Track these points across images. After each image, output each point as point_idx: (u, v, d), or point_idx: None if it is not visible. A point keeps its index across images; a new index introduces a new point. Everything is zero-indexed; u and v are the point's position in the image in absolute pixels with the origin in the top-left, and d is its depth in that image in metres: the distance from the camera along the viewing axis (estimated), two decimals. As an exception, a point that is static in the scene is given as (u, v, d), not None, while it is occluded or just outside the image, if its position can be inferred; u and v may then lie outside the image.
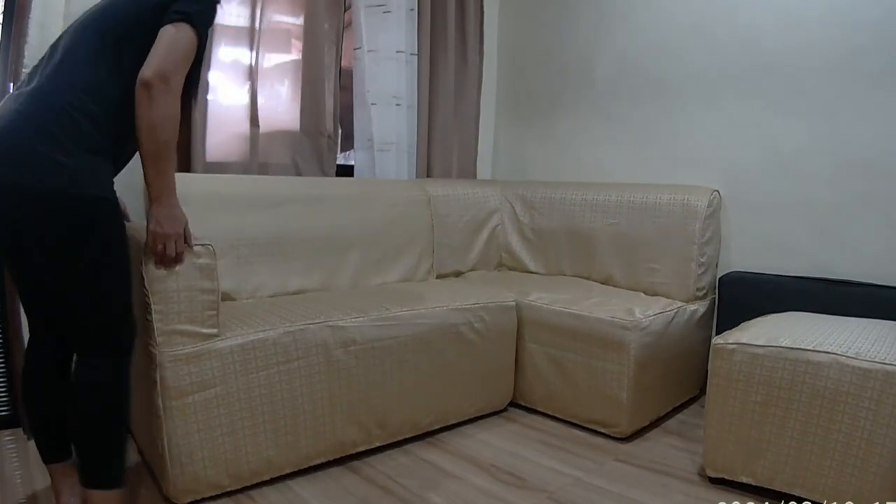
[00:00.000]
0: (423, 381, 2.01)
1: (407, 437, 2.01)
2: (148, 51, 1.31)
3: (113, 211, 1.35)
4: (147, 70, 1.29)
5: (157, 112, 1.30)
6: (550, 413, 2.24)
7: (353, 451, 1.88)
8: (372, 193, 2.51)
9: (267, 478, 1.72)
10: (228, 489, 1.66)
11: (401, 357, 1.94)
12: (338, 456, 1.84)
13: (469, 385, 2.14)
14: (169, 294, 1.51)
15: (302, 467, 1.78)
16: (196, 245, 1.54)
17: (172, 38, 1.33)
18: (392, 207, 2.51)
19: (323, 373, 1.78)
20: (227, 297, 2.04)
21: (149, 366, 1.55)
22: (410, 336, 1.95)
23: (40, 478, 1.71)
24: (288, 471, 1.75)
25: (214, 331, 1.60)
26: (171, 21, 1.33)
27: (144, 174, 1.36)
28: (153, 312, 1.51)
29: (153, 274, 1.49)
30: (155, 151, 1.34)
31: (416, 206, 2.64)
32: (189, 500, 1.60)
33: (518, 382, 2.31)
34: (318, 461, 1.81)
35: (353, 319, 1.84)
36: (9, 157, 1.23)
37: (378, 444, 1.93)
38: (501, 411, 2.30)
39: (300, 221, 2.26)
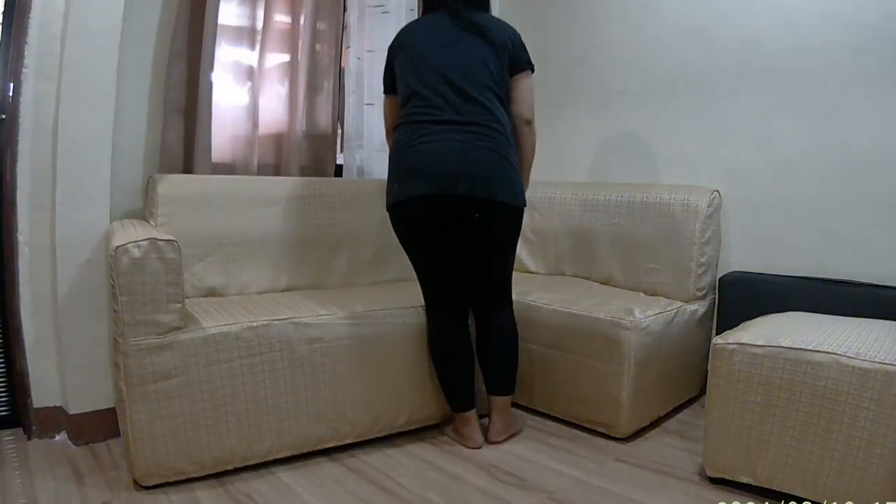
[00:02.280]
0: (392, 381, 2.00)
1: (379, 435, 2.01)
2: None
3: None
4: (527, 113, 1.94)
5: (534, 140, 2.00)
6: (550, 413, 2.24)
7: (322, 448, 1.90)
8: (362, 193, 2.51)
9: (230, 468, 1.77)
10: (192, 475, 1.71)
11: (369, 356, 1.95)
12: (303, 451, 1.87)
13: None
14: (135, 286, 1.60)
15: (266, 459, 1.82)
16: (161, 241, 1.64)
17: (531, 88, 1.97)
18: (383, 208, 2.51)
19: (287, 368, 1.81)
20: (215, 293, 2.11)
21: (115, 353, 1.64)
22: (378, 335, 1.96)
23: (40, 478, 1.72)
24: (252, 462, 1.79)
25: (178, 323, 1.66)
26: (523, 70, 1.93)
27: (525, 177, 2.01)
28: (120, 303, 1.59)
29: (121, 266, 1.57)
30: (531, 164, 2.03)
31: None
32: (153, 482, 1.67)
33: (519, 382, 2.30)
34: (283, 455, 1.84)
35: (319, 317, 1.87)
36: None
37: (349, 442, 1.94)
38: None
39: (290, 221, 2.30)
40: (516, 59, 1.91)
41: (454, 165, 1.78)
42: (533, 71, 1.95)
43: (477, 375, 2.07)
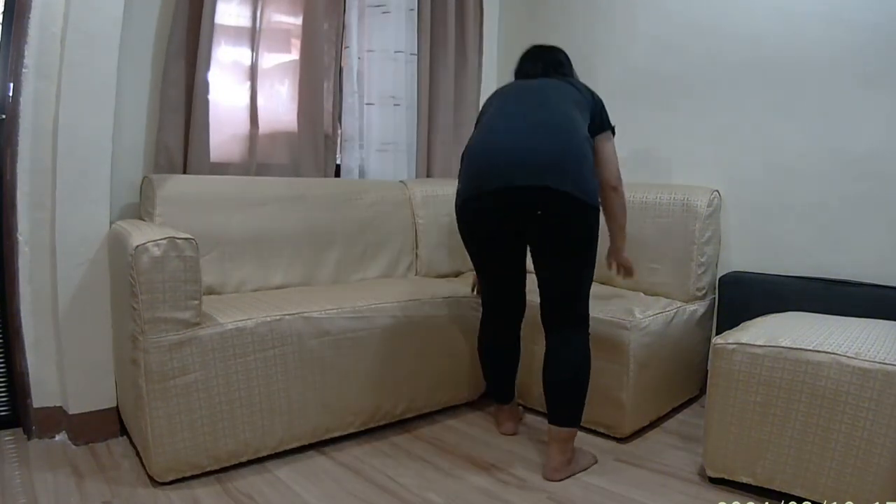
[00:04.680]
0: (395, 371, 2.09)
1: (381, 423, 2.09)
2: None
3: None
4: (613, 179, 1.87)
5: (624, 201, 1.95)
6: (550, 413, 2.25)
7: (328, 437, 1.95)
8: (353, 193, 2.56)
9: (244, 459, 1.81)
10: (208, 469, 1.74)
11: (373, 348, 2.02)
12: (312, 441, 1.92)
13: (439, 376, 2.21)
14: (155, 284, 1.62)
15: (278, 451, 1.86)
16: (180, 239, 1.66)
17: (614, 150, 1.94)
18: (371, 206, 2.59)
19: (297, 361, 1.86)
20: (212, 291, 2.13)
21: (134, 351, 1.64)
22: (381, 328, 2.04)
23: (40, 478, 1.72)
24: (264, 454, 1.84)
25: (196, 320, 1.69)
26: (604, 131, 1.90)
27: (620, 237, 2.02)
28: (140, 301, 1.60)
29: (141, 265, 1.59)
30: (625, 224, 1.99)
31: (397, 206, 2.68)
32: (170, 478, 1.69)
33: (519, 382, 2.31)
34: (294, 445, 1.89)
35: (327, 311, 1.93)
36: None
37: (352, 431, 2.00)
38: (473, 402, 2.35)
39: (282, 220, 2.34)
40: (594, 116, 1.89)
41: (512, 157, 1.70)
42: (613, 133, 1.97)
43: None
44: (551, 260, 1.78)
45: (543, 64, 2.03)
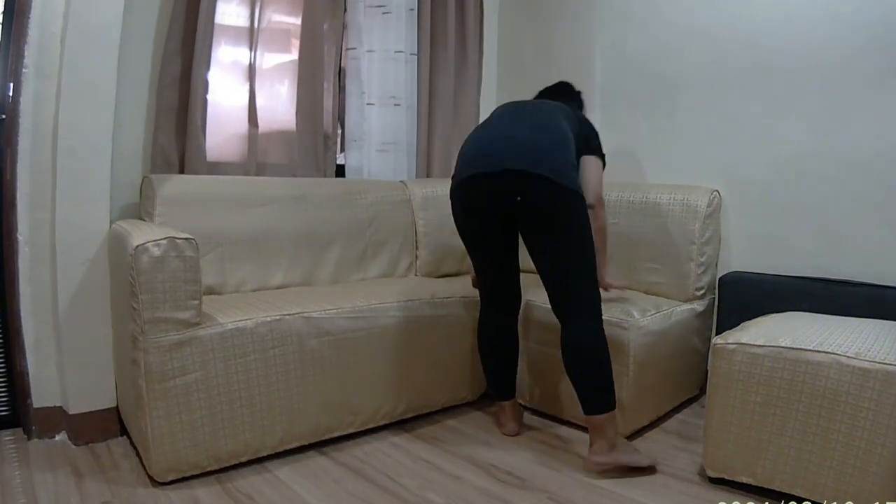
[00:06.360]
0: (395, 371, 2.09)
1: (381, 423, 2.09)
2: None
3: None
4: (590, 197, 1.89)
5: (602, 224, 2.01)
6: (550, 413, 2.24)
7: (328, 437, 1.96)
8: (353, 193, 2.57)
9: (244, 459, 1.81)
10: (208, 469, 1.75)
11: (372, 347, 2.03)
12: (312, 441, 1.93)
13: (439, 376, 2.22)
14: (155, 284, 1.63)
15: (278, 450, 1.87)
16: (180, 239, 1.66)
17: (598, 174, 2.01)
18: (371, 206, 2.59)
19: (297, 361, 1.86)
20: (212, 291, 2.13)
21: (134, 351, 1.64)
22: (381, 328, 2.04)
23: (40, 478, 1.72)
24: (264, 454, 1.84)
25: (196, 320, 1.69)
26: (592, 153, 2.00)
27: (600, 260, 1.97)
28: (140, 301, 1.60)
29: (141, 265, 1.59)
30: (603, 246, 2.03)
31: (397, 206, 2.68)
32: (170, 478, 1.70)
33: (518, 382, 2.31)
34: (294, 445, 1.89)
35: (327, 311, 1.93)
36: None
37: (352, 431, 2.01)
38: (473, 402, 2.35)
39: (283, 220, 2.35)
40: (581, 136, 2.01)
41: (495, 144, 1.82)
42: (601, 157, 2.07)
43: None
44: (542, 244, 1.83)
45: (550, 92, 2.29)
